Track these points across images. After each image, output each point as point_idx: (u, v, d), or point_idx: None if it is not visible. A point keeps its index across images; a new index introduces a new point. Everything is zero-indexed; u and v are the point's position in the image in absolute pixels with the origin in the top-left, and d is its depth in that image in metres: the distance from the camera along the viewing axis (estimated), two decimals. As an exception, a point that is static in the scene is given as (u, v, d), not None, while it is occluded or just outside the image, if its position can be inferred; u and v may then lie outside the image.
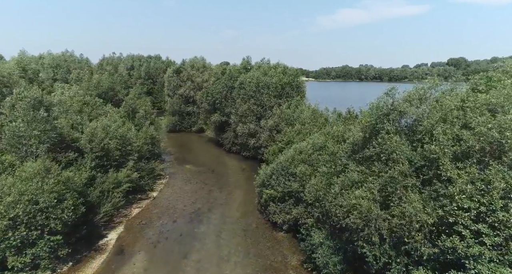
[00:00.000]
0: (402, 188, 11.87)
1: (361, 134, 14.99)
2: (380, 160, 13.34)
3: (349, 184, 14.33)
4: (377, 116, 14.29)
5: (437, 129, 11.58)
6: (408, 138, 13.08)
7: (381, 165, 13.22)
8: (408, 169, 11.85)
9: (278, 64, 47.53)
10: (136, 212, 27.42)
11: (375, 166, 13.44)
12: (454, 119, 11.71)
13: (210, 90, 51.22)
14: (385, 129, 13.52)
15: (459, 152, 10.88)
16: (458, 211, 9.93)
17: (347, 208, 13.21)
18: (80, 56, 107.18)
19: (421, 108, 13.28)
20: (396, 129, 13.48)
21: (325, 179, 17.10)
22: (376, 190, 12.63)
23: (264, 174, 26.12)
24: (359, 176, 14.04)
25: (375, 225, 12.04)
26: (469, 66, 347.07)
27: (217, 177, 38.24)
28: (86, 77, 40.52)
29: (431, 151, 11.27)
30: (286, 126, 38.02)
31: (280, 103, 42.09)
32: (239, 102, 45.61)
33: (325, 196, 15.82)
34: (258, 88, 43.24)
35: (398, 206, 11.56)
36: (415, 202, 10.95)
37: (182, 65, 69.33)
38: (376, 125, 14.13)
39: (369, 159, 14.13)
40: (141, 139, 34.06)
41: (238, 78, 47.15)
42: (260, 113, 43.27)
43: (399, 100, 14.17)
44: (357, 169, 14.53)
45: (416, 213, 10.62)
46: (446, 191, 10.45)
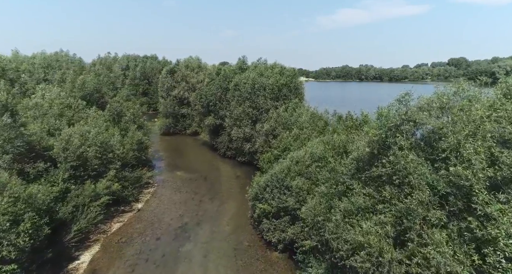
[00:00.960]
0: (422, 222, 9.40)
1: (367, 149, 12.47)
2: (392, 183, 10.83)
3: (353, 210, 11.84)
4: (388, 128, 11.80)
5: (467, 147, 9.06)
6: (426, 156, 10.58)
7: (394, 189, 10.71)
8: (429, 197, 9.35)
9: (275, 64, 45.01)
10: (116, 227, 24.86)
11: (386, 190, 10.91)
12: (487, 134, 9.22)
13: (203, 91, 48.68)
14: (398, 144, 11.03)
15: (499, 178, 8.41)
16: (506, 264, 7.43)
17: (353, 245, 10.72)
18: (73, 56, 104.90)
19: (443, 119, 10.78)
20: (411, 144, 10.98)
21: (324, 201, 14.61)
22: (389, 224, 10.13)
23: (258, 186, 23.60)
24: (366, 201, 11.55)
25: (388, 271, 9.53)
26: (469, 66, 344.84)
27: (209, 185, 35.71)
28: (70, 78, 37.91)
29: (460, 175, 8.79)
30: (283, 131, 35.54)
31: (276, 106, 39.55)
32: (233, 105, 43.08)
33: (325, 223, 13.33)
34: (254, 90, 40.72)
35: (419, 247, 9.04)
36: (442, 244, 8.47)
37: (176, 65, 66.79)
38: (386, 140, 11.63)
39: (378, 179, 11.65)
40: (126, 145, 31.56)
41: (233, 79, 44.63)
42: (256, 117, 40.73)
43: (414, 108, 11.64)
44: (363, 191, 12.04)
45: (445, 262, 8.10)
46: (485, 233, 7.93)
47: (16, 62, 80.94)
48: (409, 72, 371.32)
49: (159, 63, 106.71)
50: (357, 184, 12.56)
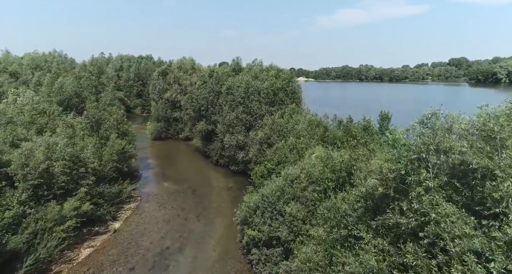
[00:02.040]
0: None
1: (380, 189, 9.41)
2: (417, 242, 7.82)
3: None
4: (409, 161, 8.80)
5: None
6: (465, 202, 7.52)
7: (420, 249, 7.69)
8: (479, 273, 6.29)
9: (271, 66, 41.95)
10: (86, 254, 21.77)
11: (409, 253, 7.85)
12: None
13: (195, 95, 45.61)
14: (424, 186, 8.04)
15: None
16: None
17: None
18: (64, 56, 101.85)
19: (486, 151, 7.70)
20: (440, 184, 7.97)
21: (322, 249, 11.60)
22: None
23: (247, 208, 20.54)
24: (379, 260, 8.51)
25: None
26: (470, 67, 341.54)
27: (197, 198, 32.64)
28: (47, 80, 34.86)
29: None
30: (279, 139, 32.52)
31: (272, 112, 36.50)
32: (226, 110, 40.02)
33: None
34: (248, 94, 37.66)
35: None
36: None
37: (169, 66, 63.69)
38: (406, 177, 8.62)
39: (396, 229, 8.63)
40: (105, 156, 28.52)
41: (226, 82, 41.58)
42: (250, 123, 37.67)
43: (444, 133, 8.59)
44: (373, 242, 9.02)
45: None
46: None
47: (5, 62, 78.27)
48: (410, 72, 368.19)
49: (154, 64, 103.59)
50: (365, 230, 9.57)
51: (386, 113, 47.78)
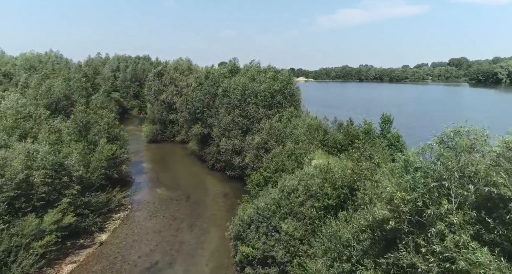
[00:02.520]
0: None
1: (392, 223, 7.84)
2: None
3: None
4: (427, 189, 7.30)
5: None
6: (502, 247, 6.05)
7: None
8: None
9: (269, 67, 40.43)
10: (67, 270, 20.23)
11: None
12: None
13: (190, 97, 44.11)
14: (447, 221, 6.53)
15: None
16: None
17: None
18: (59, 57, 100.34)
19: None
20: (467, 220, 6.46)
21: None
22: None
23: (241, 221, 19.05)
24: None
25: None
26: (471, 67, 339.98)
27: (191, 206, 31.15)
28: (34, 82, 33.36)
29: None
30: (276, 145, 31.03)
31: (269, 115, 35.02)
32: (222, 113, 38.53)
33: None
34: (244, 96, 36.18)
35: None
36: None
37: (164, 67, 62.22)
38: (425, 209, 7.09)
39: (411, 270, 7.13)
40: (93, 162, 27.03)
41: (222, 84, 40.09)
42: (247, 127, 36.19)
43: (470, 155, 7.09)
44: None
45: None
46: None
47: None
48: (410, 72, 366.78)
49: (151, 65, 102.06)
50: (372, 268, 8.07)
51: (388, 116, 46.27)
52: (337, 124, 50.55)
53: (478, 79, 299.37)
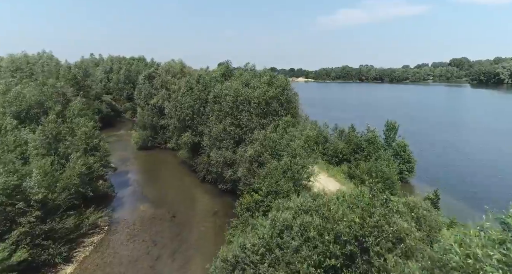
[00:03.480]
0: None
1: None
2: None
3: None
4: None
5: None
6: None
7: None
8: None
9: (265, 71, 37.13)
10: (17, 318, 17.00)
11: None
12: None
13: (179, 103, 40.85)
14: None
15: None
16: None
17: None
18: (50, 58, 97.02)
19: None
20: None
21: None
22: None
23: (223, 263, 15.78)
24: None
25: None
26: (472, 67, 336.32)
27: (176, 228, 27.89)
28: (1, 88, 30.16)
29: None
30: (271, 158, 27.79)
31: (264, 125, 31.76)
32: (213, 121, 35.29)
33: None
34: (236, 103, 32.92)
35: None
36: None
37: (156, 70, 58.99)
38: None
39: None
40: (62, 181, 23.78)
41: (213, 89, 36.83)
42: (239, 136, 32.93)
43: None
44: None
45: None
46: None
47: None
48: (410, 72, 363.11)
49: (145, 66, 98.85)
50: None
51: (393, 123, 43.01)
52: (338, 131, 47.48)
53: (480, 79, 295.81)
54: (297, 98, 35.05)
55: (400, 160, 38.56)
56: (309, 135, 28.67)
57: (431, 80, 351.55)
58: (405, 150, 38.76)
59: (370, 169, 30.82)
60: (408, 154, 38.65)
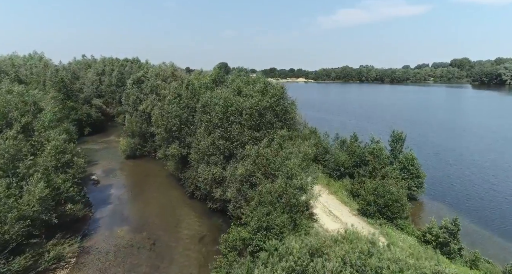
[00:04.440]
0: None
1: None
2: None
3: None
4: None
5: None
6: None
7: None
8: None
9: (259, 78, 33.49)
10: None
11: None
12: None
13: (165, 112, 37.34)
14: None
15: None
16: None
17: None
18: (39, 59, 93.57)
19: None
20: None
21: None
22: None
23: None
24: None
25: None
26: (473, 67, 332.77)
27: (155, 259, 24.38)
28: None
29: None
30: (264, 178, 24.32)
31: (257, 138, 28.27)
32: (201, 133, 31.82)
33: None
34: (226, 114, 29.40)
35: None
36: None
37: (145, 73, 55.50)
38: None
39: None
40: (16, 210, 20.24)
41: (203, 97, 33.34)
42: (230, 151, 29.42)
43: None
44: None
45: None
46: None
47: None
48: (411, 73, 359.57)
49: (139, 68, 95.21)
50: None
51: (399, 134, 39.41)
52: (339, 141, 43.94)
53: (482, 80, 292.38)
54: (295, 108, 31.51)
55: (407, 174, 35.03)
56: (307, 153, 25.14)
57: (432, 81, 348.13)
58: (414, 163, 35.22)
59: (376, 189, 27.27)
60: (417, 167, 35.12)
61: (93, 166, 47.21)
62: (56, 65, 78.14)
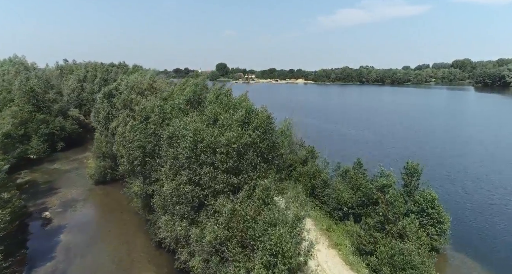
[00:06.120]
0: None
1: None
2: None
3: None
4: None
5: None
6: None
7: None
8: None
9: (241, 100, 26.29)
10: None
11: None
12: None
13: (126, 141, 30.44)
14: None
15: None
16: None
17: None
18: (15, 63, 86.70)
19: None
20: None
21: None
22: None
23: None
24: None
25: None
26: (474, 68, 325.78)
27: None
28: None
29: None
30: (237, 253, 17.48)
31: (234, 186, 21.41)
32: (165, 173, 24.93)
33: None
34: (196, 151, 22.47)
35: None
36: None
37: (118, 85, 48.57)
38: None
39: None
40: None
41: (168, 126, 26.44)
42: (200, 200, 22.51)
43: None
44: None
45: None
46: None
47: None
48: (412, 74, 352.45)
49: (124, 74, 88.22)
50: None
51: (415, 166, 32.46)
52: (341, 172, 37.03)
53: (485, 82, 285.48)
54: (287, 141, 24.58)
55: (427, 219, 28.16)
56: (299, 216, 18.22)
57: (433, 83, 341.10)
58: (434, 205, 28.32)
59: (393, 257, 20.39)
60: (439, 211, 28.21)
61: (53, 195, 40.41)
62: (27, 73, 70.84)
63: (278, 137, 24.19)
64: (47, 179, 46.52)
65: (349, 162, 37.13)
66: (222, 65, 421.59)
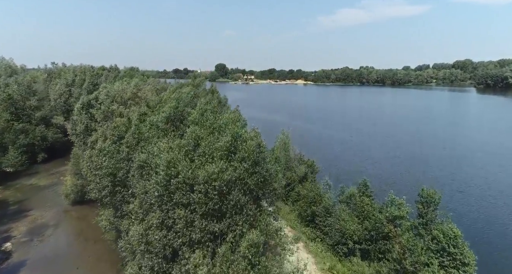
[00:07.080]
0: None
1: None
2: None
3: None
4: None
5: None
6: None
7: None
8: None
9: (229, 120, 21.92)
10: None
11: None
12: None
13: (93, 165, 26.10)
14: None
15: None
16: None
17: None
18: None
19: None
20: None
21: None
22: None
23: None
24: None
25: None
26: (476, 69, 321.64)
27: None
28: None
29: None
30: None
31: (215, 235, 17.05)
32: (135, 211, 20.56)
33: None
34: (169, 188, 18.09)
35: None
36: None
37: (98, 94, 44.23)
38: None
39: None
40: None
41: (141, 152, 22.07)
42: (173, 250, 18.13)
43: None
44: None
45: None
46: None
47: None
48: (413, 75, 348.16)
49: (115, 78, 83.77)
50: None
51: (432, 194, 28.15)
52: (345, 196, 32.75)
53: (487, 83, 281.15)
54: (280, 177, 20.18)
55: (447, 260, 23.81)
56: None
57: (434, 83, 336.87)
58: (457, 243, 23.93)
59: None
60: (462, 250, 23.82)
61: (21, 219, 36.08)
62: (6, 79, 66.36)
63: (271, 167, 19.77)
64: (19, 198, 42.15)
65: (351, 174, 32.71)
66: (221, 65, 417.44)
